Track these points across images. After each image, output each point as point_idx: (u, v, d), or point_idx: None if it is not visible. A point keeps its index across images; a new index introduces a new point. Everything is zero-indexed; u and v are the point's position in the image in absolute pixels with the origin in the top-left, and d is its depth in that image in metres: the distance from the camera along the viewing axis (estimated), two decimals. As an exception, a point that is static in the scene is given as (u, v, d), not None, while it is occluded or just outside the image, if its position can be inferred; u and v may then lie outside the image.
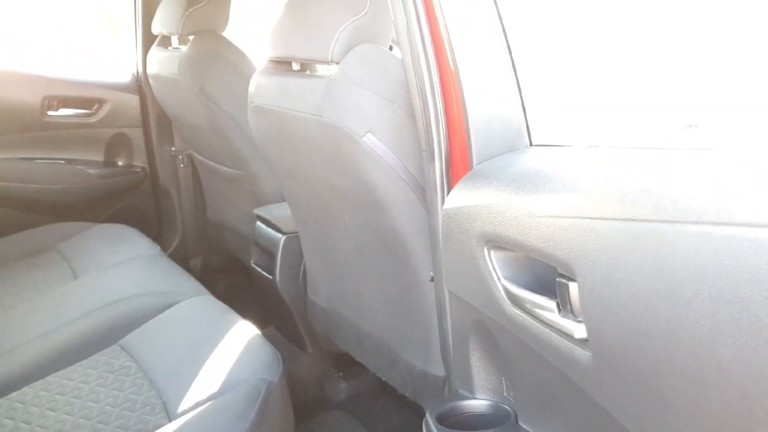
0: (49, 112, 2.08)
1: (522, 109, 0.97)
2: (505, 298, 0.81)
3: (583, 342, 0.69)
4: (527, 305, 0.77)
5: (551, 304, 0.72)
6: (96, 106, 2.17)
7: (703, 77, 1.00)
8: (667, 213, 0.56)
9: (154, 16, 2.00)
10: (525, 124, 0.97)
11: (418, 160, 1.05)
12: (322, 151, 1.16)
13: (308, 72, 1.25)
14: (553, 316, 0.72)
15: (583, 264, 0.65)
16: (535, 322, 0.76)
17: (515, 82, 0.97)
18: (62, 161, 2.13)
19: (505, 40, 0.96)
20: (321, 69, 1.25)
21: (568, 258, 0.67)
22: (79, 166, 2.16)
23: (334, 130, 1.08)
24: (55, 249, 1.80)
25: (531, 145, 0.96)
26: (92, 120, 2.17)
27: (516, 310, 0.80)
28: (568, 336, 0.70)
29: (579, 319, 0.69)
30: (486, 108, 0.95)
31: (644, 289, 0.57)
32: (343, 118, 1.06)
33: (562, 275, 0.71)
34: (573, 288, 0.68)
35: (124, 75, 2.27)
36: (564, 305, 0.71)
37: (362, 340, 1.44)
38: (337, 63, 1.09)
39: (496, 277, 0.82)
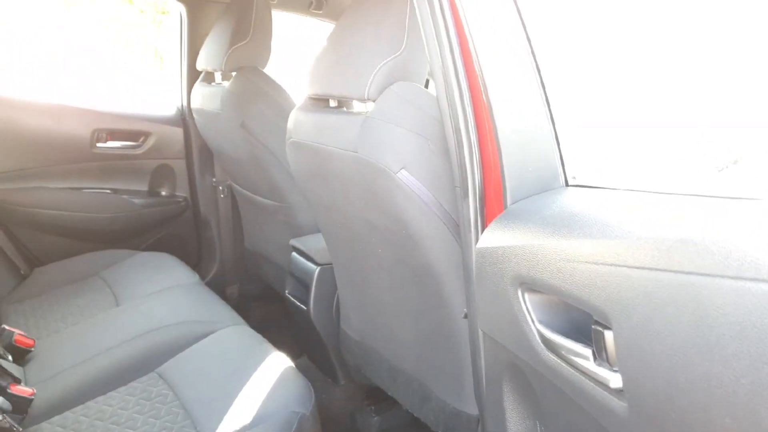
0: (98, 144, 2.16)
1: (558, 149, 0.96)
2: (540, 342, 0.80)
3: (618, 392, 0.67)
4: (562, 351, 0.75)
5: (586, 351, 0.71)
6: (142, 139, 2.25)
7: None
8: (704, 265, 0.54)
9: (199, 53, 2.08)
10: (560, 164, 0.96)
11: (453, 196, 1.05)
12: (357, 187, 1.18)
13: (345, 109, 1.27)
14: (589, 364, 0.71)
15: (619, 313, 0.63)
16: (569, 369, 0.75)
17: (551, 121, 0.96)
18: (109, 191, 2.21)
19: (539, 78, 0.96)
20: (357, 106, 1.27)
21: (603, 306, 0.66)
22: (125, 196, 2.23)
23: (369, 166, 1.09)
24: (99, 276, 1.86)
25: (567, 185, 0.95)
26: (138, 152, 2.25)
27: (550, 356, 0.78)
28: (604, 385, 0.69)
29: (615, 368, 0.67)
30: (521, 146, 0.94)
31: (682, 343, 0.56)
32: (378, 155, 1.07)
33: (597, 322, 0.69)
34: (608, 336, 0.67)
35: (169, 109, 2.35)
36: (599, 353, 0.69)
37: (395, 374, 1.43)
38: (374, 100, 1.11)
39: (530, 321, 0.81)
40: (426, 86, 1.19)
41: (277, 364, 1.30)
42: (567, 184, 0.95)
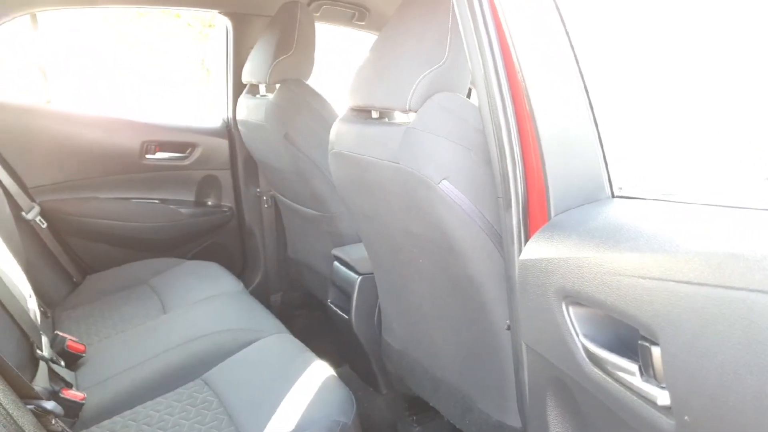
0: (147, 156, 2.23)
1: (603, 159, 0.94)
2: (584, 357, 0.78)
3: (666, 409, 0.65)
4: (607, 366, 0.74)
5: (633, 367, 0.70)
6: (189, 150, 2.32)
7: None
8: (756, 282, 0.53)
9: (244, 66, 2.13)
10: (606, 175, 0.94)
11: (495, 207, 1.04)
12: (399, 197, 1.18)
13: (386, 120, 1.27)
14: (635, 379, 0.69)
15: (667, 329, 0.62)
16: (615, 384, 0.73)
17: (596, 130, 0.94)
18: (157, 201, 2.28)
19: (584, 87, 0.94)
20: (399, 117, 1.27)
21: (650, 321, 0.64)
22: (172, 206, 2.29)
23: (411, 176, 1.09)
24: (147, 283, 1.91)
25: (613, 196, 0.93)
26: (185, 163, 2.32)
27: (595, 370, 0.77)
28: (651, 402, 0.67)
29: (662, 385, 0.66)
30: (565, 156, 0.92)
31: (732, 361, 0.54)
32: (419, 165, 1.07)
33: (644, 338, 0.68)
34: (656, 352, 0.65)
35: (215, 121, 2.41)
36: (646, 369, 0.68)
37: (436, 385, 1.42)
38: (415, 111, 1.11)
39: (574, 334, 0.80)
40: (468, 96, 1.19)
41: (319, 372, 1.31)
42: (613, 196, 0.93)
